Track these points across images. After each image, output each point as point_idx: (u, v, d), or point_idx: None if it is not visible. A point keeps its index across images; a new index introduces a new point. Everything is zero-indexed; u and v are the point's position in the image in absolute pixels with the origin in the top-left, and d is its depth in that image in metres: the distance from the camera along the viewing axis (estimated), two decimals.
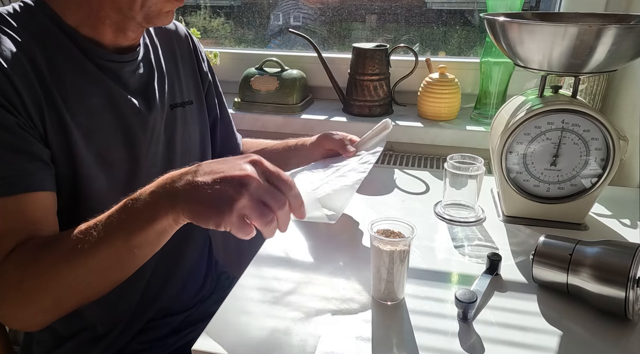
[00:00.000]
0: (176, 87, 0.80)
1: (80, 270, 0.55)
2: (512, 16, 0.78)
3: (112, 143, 0.69)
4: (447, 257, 0.71)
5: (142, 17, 0.66)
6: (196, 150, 0.84)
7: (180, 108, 0.80)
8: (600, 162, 0.75)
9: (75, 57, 0.65)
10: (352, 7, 1.41)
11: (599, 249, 0.58)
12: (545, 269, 0.61)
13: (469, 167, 0.76)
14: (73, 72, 0.65)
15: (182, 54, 0.84)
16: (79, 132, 0.64)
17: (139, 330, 0.78)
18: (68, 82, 0.64)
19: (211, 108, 0.90)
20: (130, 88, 0.72)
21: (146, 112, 0.73)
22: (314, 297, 0.63)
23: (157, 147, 0.75)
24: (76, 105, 0.64)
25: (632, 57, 0.70)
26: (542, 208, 0.79)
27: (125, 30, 0.68)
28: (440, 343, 0.55)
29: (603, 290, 0.56)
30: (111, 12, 0.65)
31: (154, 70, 0.76)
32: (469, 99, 1.26)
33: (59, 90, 0.62)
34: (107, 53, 0.68)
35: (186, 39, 0.86)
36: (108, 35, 0.68)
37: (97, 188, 0.67)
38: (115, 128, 0.69)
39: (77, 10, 0.65)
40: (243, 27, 1.51)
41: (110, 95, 0.69)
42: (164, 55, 0.80)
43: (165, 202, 0.52)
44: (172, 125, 0.78)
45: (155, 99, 0.75)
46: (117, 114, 0.69)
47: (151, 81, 0.75)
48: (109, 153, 0.68)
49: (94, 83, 0.67)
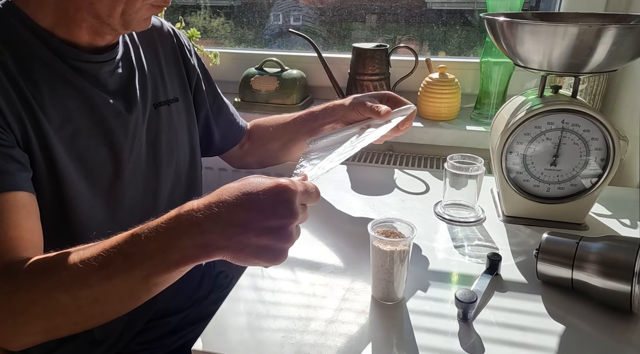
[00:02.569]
0: (160, 85, 0.79)
1: (84, 301, 0.50)
2: (512, 16, 0.78)
3: (92, 147, 0.67)
4: (447, 257, 0.71)
5: (120, 24, 0.65)
6: (184, 148, 0.83)
7: (165, 106, 0.79)
8: (600, 162, 0.75)
9: (48, 60, 0.63)
10: (352, 7, 1.41)
11: (603, 244, 0.59)
12: (550, 265, 0.62)
13: (469, 167, 0.76)
14: (47, 76, 0.63)
15: (165, 50, 0.82)
16: (58, 136, 0.63)
17: (138, 331, 0.78)
18: (43, 86, 0.62)
19: (200, 103, 0.88)
20: (109, 89, 0.70)
21: (126, 113, 0.71)
22: (314, 297, 0.63)
23: (140, 149, 0.74)
24: (52, 109, 0.63)
25: (632, 57, 0.70)
26: (542, 208, 0.79)
27: (102, 34, 0.67)
28: (440, 343, 0.55)
29: (608, 284, 0.56)
30: (88, 16, 0.63)
31: (134, 69, 0.75)
32: (469, 99, 1.26)
33: (34, 94, 0.61)
34: (83, 54, 0.67)
35: (169, 34, 0.84)
36: (84, 37, 0.66)
37: (80, 192, 0.66)
38: (95, 131, 0.68)
39: (52, 12, 0.63)
40: (243, 27, 1.52)
41: (88, 97, 0.67)
42: (145, 53, 0.78)
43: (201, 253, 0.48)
44: (156, 124, 0.77)
45: (137, 99, 0.74)
46: (96, 116, 0.68)
47: (132, 81, 0.74)
48: (89, 156, 0.67)
49: (70, 86, 0.65)
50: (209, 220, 0.47)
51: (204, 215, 0.47)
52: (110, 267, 0.49)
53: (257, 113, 1.25)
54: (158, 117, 0.77)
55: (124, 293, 0.51)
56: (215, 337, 0.56)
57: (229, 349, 0.54)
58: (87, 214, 0.67)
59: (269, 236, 0.48)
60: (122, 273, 0.49)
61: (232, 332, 0.57)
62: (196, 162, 0.87)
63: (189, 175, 0.85)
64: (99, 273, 0.49)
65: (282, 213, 0.48)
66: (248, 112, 1.27)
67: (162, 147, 0.78)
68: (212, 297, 0.91)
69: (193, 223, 0.48)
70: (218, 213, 0.47)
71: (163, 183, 0.78)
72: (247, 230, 0.47)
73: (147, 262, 0.48)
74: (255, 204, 0.47)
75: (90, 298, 0.50)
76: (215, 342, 0.55)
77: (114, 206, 0.71)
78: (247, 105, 1.28)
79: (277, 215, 0.48)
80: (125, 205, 0.72)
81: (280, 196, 0.48)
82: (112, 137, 0.69)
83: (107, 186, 0.69)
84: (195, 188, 0.87)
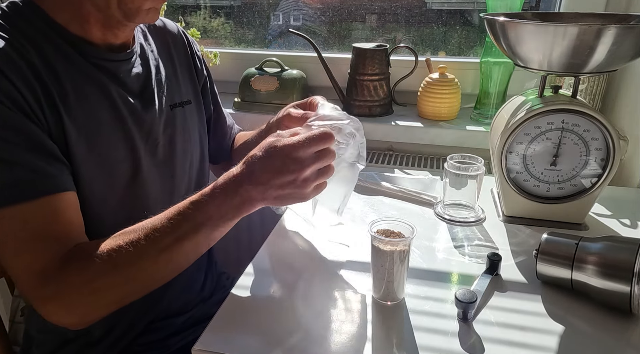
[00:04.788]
0: (174, 87, 0.80)
1: (161, 264, 0.60)
2: (512, 16, 0.78)
3: (114, 144, 0.68)
4: (447, 257, 0.71)
5: (121, 15, 0.65)
6: (196, 149, 0.84)
7: (180, 108, 0.80)
8: (600, 162, 0.75)
9: (70, 56, 0.64)
10: (352, 7, 1.41)
11: (603, 245, 0.59)
12: (550, 265, 0.62)
13: (469, 167, 0.76)
14: (70, 72, 0.64)
15: (178, 53, 0.83)
16: (80, 132, 0.63)
17: (140, 332, 0.78)
18: (66, 82, 0.63)
19: (207, 106, 0.90)
20: (129, 87, 0.71)
21: (145, 113, 0.72)
22: (314, 297, 0.63)
23: (156, 148, 0.74)
24: (76, 105, 0.63)
25: (632, 57, 0.70)
26: (542, 208, 0.79)
27: (111, 27, 0.67)
28: (440, 343, 0.55)
29: (608, 285, 0.56)
30: (92, 9, 0.64)
31: (151, 70, 0.76)
32: (469, 99, 1.26)
33: (57, 90, 0.62)
34: (101, 51, 0.67)
35: (181, 37, 0.85)
36: (96, 33, 0.66)
37: (99, 189, 0.66)
38: (116, 128, 0.68)
39: (64, 9, 0.64)
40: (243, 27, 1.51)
41: (109, 94, 0.68)
42: (160, 54, 0.79)
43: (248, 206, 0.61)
44: (172, 125, 0.77)
45: (154, 100, 0.74)
46: (117, 114, 0.68)
47: (149, 81, 0.75)
48: (110, 154, 0.67)
49: (92, 82, 0.66)
50: (246, 182, 0.60)
51: (242, 179, 0.61)
52: (179, 230, 0.59)
53: (257, 113, 1.25)
54: (174, 118, 0.78)
55: (190, 251, 0.61)
56: (216, 337, 0.56)
57: (229, 349, 0.54)
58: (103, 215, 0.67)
59: (289, 187, 0.60)
60: (190, 233, 0.59)
61: (233, 332, 0.57)
62: (205, 165, 0.88)
63: (199, 178, 0.85)
64: (171, 237, 0.59)
65: (292, 169, 0.59)
66: (248, 112, 1.27)
67: (178, 148, 0.78)
68: (215, 298, 0.91)
69: (237, 184, 0.60)
70: (249, 176, 0.60)
71: (178, 184, 0.79)
72: (271, 186, 0.60)
73: (209, 221, 0.60)
74: (271, 165, 0.60)
75: (167, 259, 0.60)
76: (215, 342, 0.55)
77: (130, 207, 0.71)
78: (247, 105, 1.28)
79: (288, 171, 0.59)
80: (141, 206, 0.72)
81: (289, 155, 0.59)
82: (131, 136, 0.70)
83: (125, 185, 0.70)
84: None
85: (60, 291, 0.57)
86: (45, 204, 0.58)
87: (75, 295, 0.58)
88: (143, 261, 0.59)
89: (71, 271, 0.57)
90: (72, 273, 0.57)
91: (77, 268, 0.58)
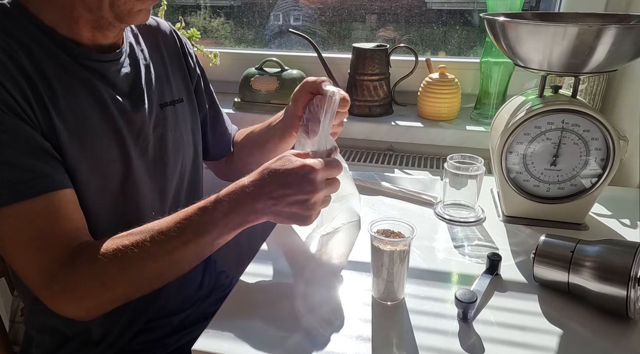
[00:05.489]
0: (165, 85, 0.79)
1: (165, 266, 0.61)
2: (512, 16, 0.78)
3: (105, 145, 0.68)
4: (447, 257, 0.71)
5: (113, 17, 0.65)
6: (189, 148, 0.83)
7: (171, 106, 0.79)
8: (600, 162, 0.75)
9: (59, 57, 0.64)
10: (352, 7, 1.41)
11: (600, 248, 0.58)
12: (547, 268, 0.61)
13: (469, 167, 0.76)
14: (59, 73, 0.63)
15: (169, 51, 0.83)
16: (72, 133, 0.63)
17: (138, 331, 0.78)
18: (57, 86, 0.63)
19: (201, 104, 0.89)
20: (118, 88, 0.71)
21: (134, 112, 0.72)
22: (314, 297, 0.63)
23: (146, 148, 0.74)
24: (65, 106, 0.63)
25: (632, 57, 0.70)
26: (542, 208, 0.79)
27: (101, 28, 0.67)
28: (440, 343, 0.55)
29: (604, 288, 0.56)
30: (83, 11, 0.64)
31: (140, 70, 0.75)
32: (469, 99, 1.26)
33: (46, 91, 0.62)
34: (89, 52, 0.67)
35: (172, 35, 0.85)
36: (85, 34, 0.66)
37: (94, 189, 0.66)
38: (106, 128, 0.68)
39: (53, 10, 0.63)
40: (243, 27, 1.51)
41: (99, 95, 0.67)
42: (150, 53, 0.79)
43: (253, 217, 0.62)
44: (162, 124, 0.77)
45: (144, 99, 0.74)
46: (107, 114, 0.68)
47: (138, 81, 0.74)
48: (102, 154, 0.67)
49: (81, 83, 0.66)
50: (256, 194, 0.61)
51: (253, 190, 0.62)
52: (184, 235, 0.60)
53: (257, 114, 1.25)
54: (164, 117, 0.78)
55: (193, 255, 0.62)
56: (216, 337, 0.56)
57: (229, 349, 0.54)
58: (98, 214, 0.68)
59: (297, 206, 0.61)
60: (195, 238, 0.60)
61: (232, 332, 0.57)
62: (198, 163, 0.87)
63: (192, 176, 0.85)
64: (176, 241, 0.60)
65: (307, 189, 0.61)
66: (248, 112, 1.27)
67: (169, 146, 0.78)
68: (213, 297, 0.91)
69: (247, 195, 0.61)
70: (261, 188, 0.61)
71: (169, 182, 0.79)
72: (280, 202, 0.61)
73: (214, 228, 0.61)
74: (286, 182, 0.61)
75: (170, 262, 0.61)
76: (215, 342, 0.55)
77: (123, 206, 0.71)
78: (247, 105, 1.28)
79: (302, 191, 0.61)
80: (134, 205, 0.72)
81: (306, 176, 0.61)
82: (121, 136, 0.70)
83: (117, 185, 0.70)
84: (197, 188, 0.87)
85: (68, 287, 0.59)
86: (47, 201, 0.59)
87: (82, 290, 0.60)
88: (147, 263, 0.60)
89: (78, 268, 0.59)
90: (79, 270, 0.59)
91: (84, 265, 0.59)
